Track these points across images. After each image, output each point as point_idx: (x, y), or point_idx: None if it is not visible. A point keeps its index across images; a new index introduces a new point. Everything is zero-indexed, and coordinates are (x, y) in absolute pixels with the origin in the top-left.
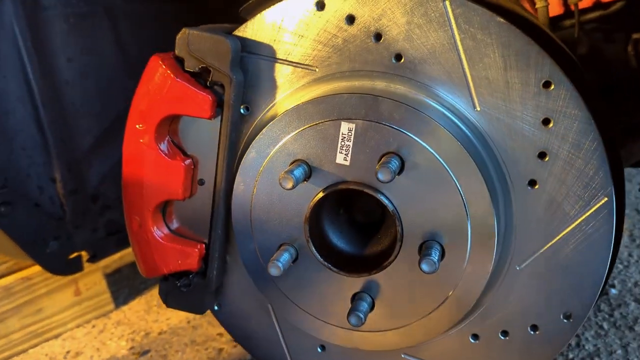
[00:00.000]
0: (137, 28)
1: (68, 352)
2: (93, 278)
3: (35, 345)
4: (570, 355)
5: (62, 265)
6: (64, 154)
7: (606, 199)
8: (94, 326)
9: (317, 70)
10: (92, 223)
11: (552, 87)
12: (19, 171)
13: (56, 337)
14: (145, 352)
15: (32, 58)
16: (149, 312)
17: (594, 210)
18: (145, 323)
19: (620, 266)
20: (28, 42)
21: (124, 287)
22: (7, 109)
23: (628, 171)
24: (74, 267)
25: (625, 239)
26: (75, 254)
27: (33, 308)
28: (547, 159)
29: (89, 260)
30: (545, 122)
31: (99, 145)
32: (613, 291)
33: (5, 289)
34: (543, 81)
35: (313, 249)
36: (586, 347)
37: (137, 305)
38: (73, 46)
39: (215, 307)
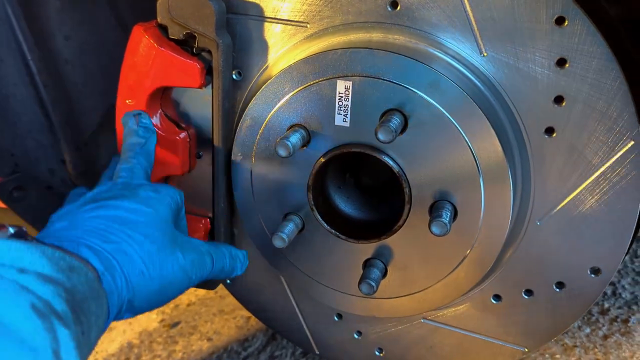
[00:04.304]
0: (135, 1)
1: None
2: None
3: None
4: (606, 305)
5: None
6: (71, 135)
7: (633, 142)
8: None
9: (308, 26)
10: None
11: (566, 23)
12: (27, 155)
13: None
14: (176, 324)
15: (27, 39)
16: None
17: (620, 156)
18: None
19: None
20: (22, 23)
21: None
22: (7, 92)
23: None
24: None
25: None
26: None
27: None
28: (564, 103)
29: None
30: (561, 62)
31: (105, 123)
32: None
33: None
34: (556, 17)
35: (319, 217)
36: (623, 295)
37: None
38: (69, 24)
39: (228, 282)
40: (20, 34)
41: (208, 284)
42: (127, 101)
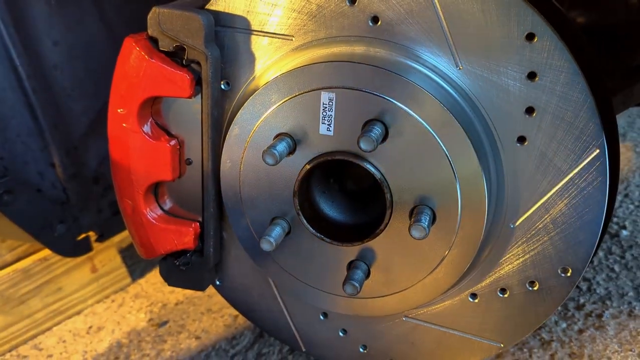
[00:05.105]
0: (122, 5)
1: (90, 327)
2: (108, 254)
3: (59, 323)
4: (582, 300)
5: (71, 247)
6: (60, 139)
7: (598, 150)
8: (113, 301)
9: (293, 39)
10: (97, 204)
11: (536, 39)
12: (16, 159)
13: (78, 313)
14: (164, 323)
15: (16, 44)
16: (165, 284)
17: (586, 163)
18: (162, 294)
19: (632, 206)
20: (10, 28)
21: (139, 260)
22: None
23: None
24: (84, 248)
25: (636, 177)
26: (83, 235)
27: (53, 287)
28: (535, 114)
29: (97, 240)
30: (531, 76)
31: (94, 127)
32: (624, 232)
33: (24, 271)
34: (526, 33)
35: (304, 221)
36: (597, 291)
37: (153, 277)
38: (58, 29)
39: (217, 283)
40: (8, 39)
41: (196, 285)
42: (119, 110)
